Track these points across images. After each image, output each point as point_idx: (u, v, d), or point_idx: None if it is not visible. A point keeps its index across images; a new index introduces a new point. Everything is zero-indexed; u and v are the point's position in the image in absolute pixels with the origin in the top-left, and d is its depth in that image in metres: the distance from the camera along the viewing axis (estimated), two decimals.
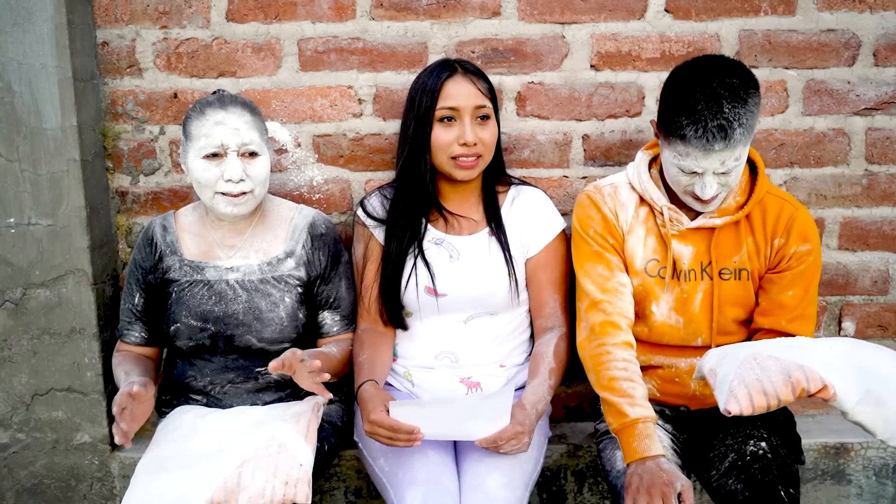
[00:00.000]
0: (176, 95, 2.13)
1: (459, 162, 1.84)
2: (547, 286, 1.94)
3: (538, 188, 2.01)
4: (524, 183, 2.02)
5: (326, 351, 1.87)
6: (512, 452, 1.71)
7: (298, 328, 1.90)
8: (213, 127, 1.78)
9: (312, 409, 1.79)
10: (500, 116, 1.96)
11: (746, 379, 1.47)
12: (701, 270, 1.81)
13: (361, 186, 2.18)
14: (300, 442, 1.67)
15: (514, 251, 1.92)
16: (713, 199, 1.71)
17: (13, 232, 2.03)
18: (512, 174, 2.06)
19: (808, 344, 1.56)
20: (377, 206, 1.97)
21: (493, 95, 1.89)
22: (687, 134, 1.62)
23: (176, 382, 1.93)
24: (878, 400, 1.45)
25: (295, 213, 1.96)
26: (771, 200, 1.81)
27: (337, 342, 1.95)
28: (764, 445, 1.70)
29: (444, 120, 1.84)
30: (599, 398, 1.78)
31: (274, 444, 1.66)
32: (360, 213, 1.98)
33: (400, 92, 2.10)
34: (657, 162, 1.86)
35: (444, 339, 1.94)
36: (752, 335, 1.86)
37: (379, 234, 1.95)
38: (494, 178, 1.97)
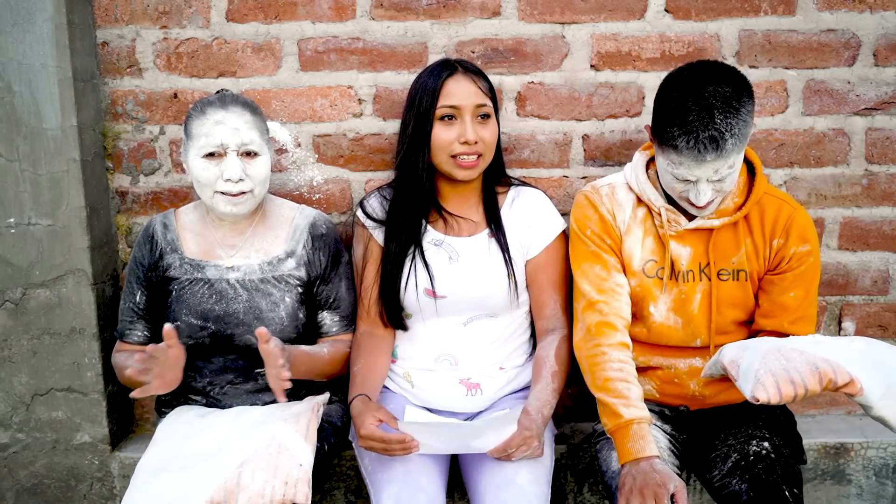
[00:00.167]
0: (176, 95, 2.13)
1: (460, 161, 1.84)
2: (547, 287, 1.93)
3: (538, 189, 2.01)
4: (524, 183, 2.01)
5: (314, 351, 1.87)
6: (525, 458, 1.72)
7: (299, 328, 1.90)
8: (212, 126, 1.78)
9: (312, 408, 1.79)
10: (500, 116, 1.95)
11: (773, 368, 1.46)
12: (699, 271, 1.81)
13: (361, 186, 2.18)
14: (300, 442, 1.67)
15: (513, 253, 1.92)
16: (709, 204, 1.71)
17: (13, 232, 2.03)
18: (512, 174, 2.06)
19: (826, 341, 1.55)
20: (376, 206, 1.97)
21: (493, 95, 1.89)
22: (679, 144, 1.61)
23: None
24: None
25: (296, 213, 1.96)
26: (769, 201, 1.80)
27: (332, 342, 1.95)
28: (767, 445, 1.70)
29: (444, 118, 1.83)
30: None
31: (274, 444, 1.66)
32: (359, 214, 1.97)
33: (400, 92, 2.10)
34: (655, 163, 1.85)
35: (443, 341, 1.94)
36: (752, 337, 1.86)
37: (378, 235, 1.94)
38: (494, 178, 1.97)
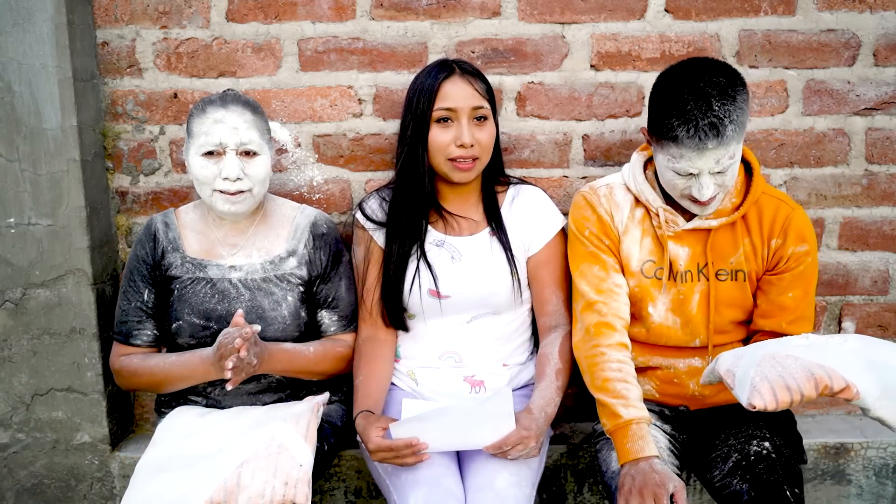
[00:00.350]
0: (176, 95, 2.13)
1: (457, 164, 1.84)
2: (549, 284, 1.93)
3: (537, 186, 2.01)
4: (523, 182, 2.01)
5: (296, 349, 1.86)
6: (521, 458, 1.71)
7: (301, 327, 1.90)
8: (212, 125, 1.79)
9: (312, 409, 1.79)
10: (499, 117, 1.95)
11: (768, 375, 1.46)
12: (697, 271, 1.81)
13: (361, 186, 2.18)
14: (300, 442, 1.67)
15: (515, 250, 1.92)
16: (711, 200, 1.70)
17: (13, 232, 2.03)
18: (512, 174, 2.06)
19: (820, 342, 1.55)
20: (375, 208, 1.96)
21: (490, 96, 1.88)
22: (679, 135, 1.61)
23: None
24: (895, 394, 1.45)
25: (297, 212, 1.96)
26: (767, 201, 1.80)
27: (326, 341, 1.93)
28: (767, 445, 1.70)
29: (441, 121, 1.83)
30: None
31: (274, 444, 1.66)
32: (358, 216, 1.97)
33: (400, 92, 2.09)
34: (653, 163, 1.85)
35: (447, 339, 1.93)
36: (751, 337, 1.86)
37: (379, 237, 1.94)
38: (493, 178, 1.97)
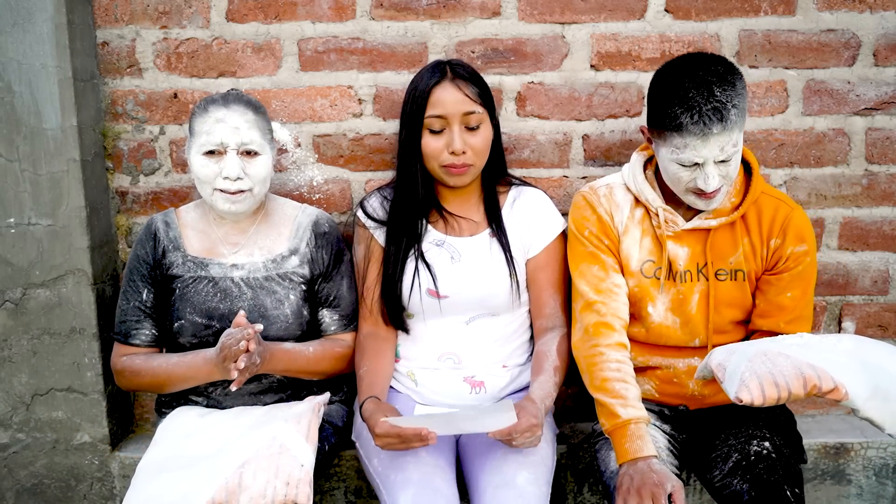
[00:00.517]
0: (176, 95, 2.13)
1: (450, 169, 1.84)
2: (547, 287, 1.93)
3: (539, 188, 2.01)
4: (525, 183, 2.01)
5: (296, 349, 1.86)
6: (525, 445, 1.67)
7: (303, 325, 1.90)
8: (213, 124, 1.79)
9: (313, 409, 1.79)
10: (498, 117, 1.94)
11: (758, 371, 1.47)
12: (697, 271, 1.81)
13: (361, 186, 2.18)
14: (301, 442, 1.67)
15: (515, 252, 1.92)
16: (716, 192, 1.70)
17: (13, 232, 2.03)
18: (513, 175, 2.05)
19: (813, 342, 1.56)
20: (377, 206, 1.96)
21: (485, 99, 1.85)
22: (683, 122, 1.62)
23: None
24: (885, 395, 1.46)
25: (299, 211, 1.97)
26: (766, 201, 1.81)
27: (326, 340, 1.93)
28: (767, 445, 1.70)
29: (432, 128, 1.82)
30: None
31: (275, 444, 1.66)
32: (360, 214, 1.97)
33: (400, 92, 2.09)
34: (652, 163, 1.85)
35: (446, 340, 1.93)
36: (749, 336, 1.86)
37: (379, 235, 1.94)
38: (495, 178, 1.97)
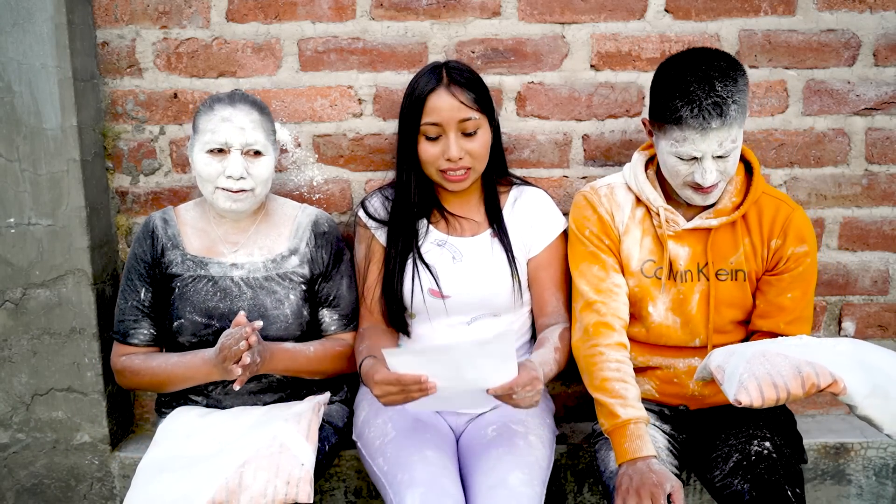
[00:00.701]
0: (176, 95, 2.13)
1: (447, 176, 1.84)
2: (549, 286, 1.93)
3: (540, 188, 2.01)
4: (526, 183, 2.01)
5: (297, 348, 1.86)
6: (526, 403, 1.61)
7: (303, 325, 1.90)
8: (219, 123, 1.79)
9: (313, 408, 1.79)
10: (497, 118, 1.94)
11: (756, 372, 1.48)
12: (697, 271, 1.81)
13: (361, 186, 2.18)
14: (301, 442, 1.67)
15: (516, 252, 1.92)
16: (713, 187, 1.70)
17: (13, 232, 2.03)
18: (514, 174, 2.05)
19: (813, 343, 1.57)
20: (378, 206, 1.96)
21: (482, 104, 1.84)
22: (683, 115, 1.62)
23: None
24: (885, 394, 1.47)
25: (298, 211, 1.97)
26: (767, 201, 1.81)
27: (326, 340, 1.93)
28: (768, 445, 1.70)
29: (429, 135, 1.82)
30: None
31: (275, 443, 1.66)
32: (361, 214, 1.97)
33: (400, 92, 2.09)
34: (654, 163, 1.86)
35: (448, 339, 1.92)
36: (749, 337, 1.86)
37: (381, 235, 1.94)
38: (496, 178, 1.96)
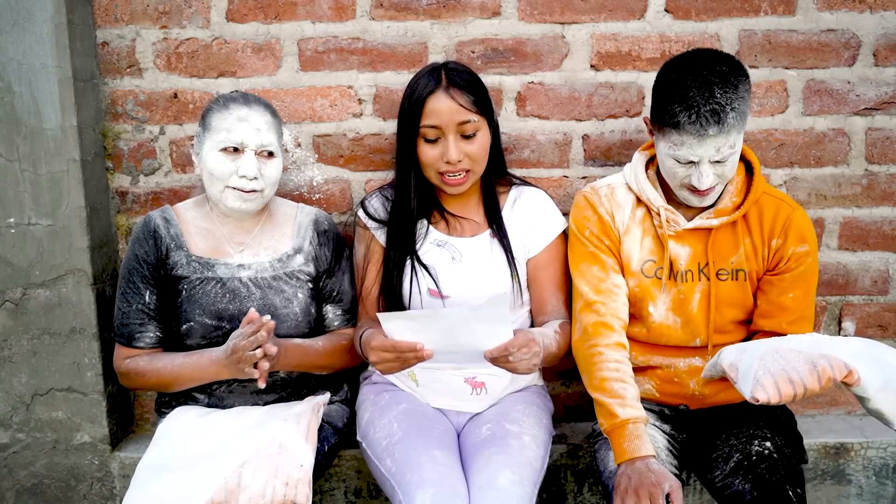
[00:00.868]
0: (176, 95, 2.13)
1: (447, 179, 1.84)
2: (548, 286, 1.93)
3: (540, 188, 2.01)
4: (526, 183, 2.01)
5: (307, 343, 1.86)
6: (523, 367, 1.59)
7: (311, 323, 1.91)
8: (235, 122, 1.79)
9: (313, 409, 1.79)
10: (499, 117, 1.94)
11: (771, 369, 1.47)
12: (698, 271, 1.81)
13: (361, 186, 2.18)
14: (300, 442, 1.67)
15: (515, 252, 1.92)
16: (710, 190, 1.70)
17: (13, 232, 2.03)
18: (514, 174, 2.05)
19: (824, 339, 1.56)
20: (378, 207, 1.96)
21: (481, 106, 1.83)
22: (681, 120, 1.62)
23: None
24: None
25: (297, 210, 1.97)
26: (768, 201, 1.81)
27: (331, 335, 1.94)
28: (769, 445, 1.70)
29: (427, 138, 1.82)
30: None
31: (274, 444, 1.66)
32: (360, 214, 1.97)
33: (400, 92, 2.08)
34: (654, 163, 1.86)
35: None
36: (750, 337, 1.86)
37: (380, 235, 1.94)
38: (495, 179, 1.96)
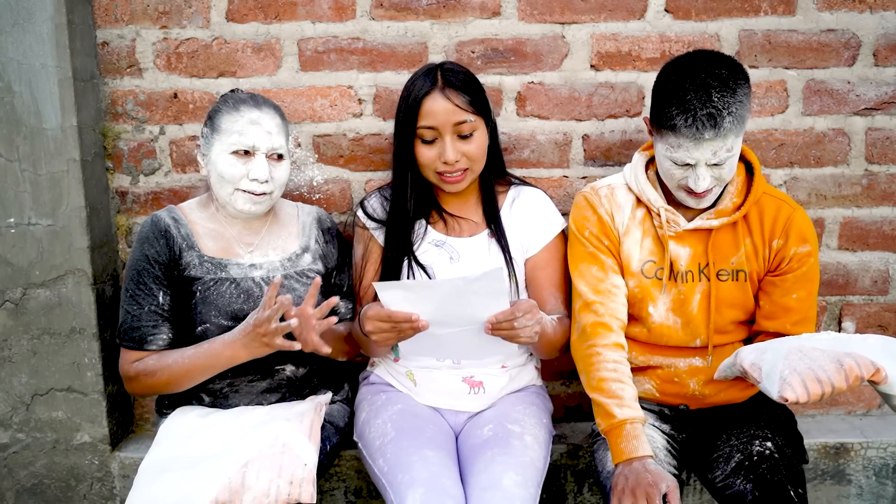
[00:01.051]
0: (176, 95, 2.13)
1: (445, 178, 1.84)
2: (547, 285, 1.92)
3: (538, 188, 2.01)
4: (524, 183, 2.01)
5: (333, 327, 1.85)
6: (526, 334, 1.60)
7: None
8: (247, 125, 1.79)
9: (315, 408, 1.79)
10: (499, 117, 1.94)
11: (798, 368, 1.47)
12: (699, 272, 1.81)
13: (361, 186, 2.18)
14: (304, 441, 1.67)
15: (514, 252, 1.91)
16: (707, 192, 1.70)
17: (13, 232, 2.03)
18: (513, 174, 2.05)
19: (843, 338, 1.56)
20: (377, 207, 1.96)
21: (478, 106, 1.82)
22: (677, 123, 1.62)
23: None
24: None
25: (298, 210, 1.98)
26: (768, 201, 1.81)
27: (346, 322, 1.96)
28: (770, 445, 1.70)
29: (425, 138, 1.82)
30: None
31: (278, 443, 1.66)
32: (360, 214, 1.97)
33: (399, 92, 2.09)
34: (654, 163, 1.85)
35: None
36: (753, 337, 1.86)
37: (379, 235, 1.94)
38: (493, 178, 1.96)
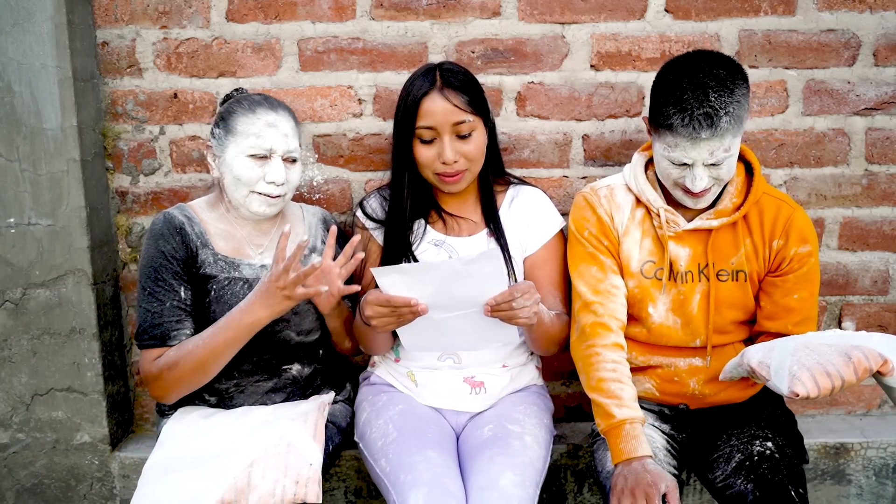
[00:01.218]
0: (176, 95, 2.13)
1: (443, 178, 1.84)
2: (545, 284, 1.92)
3: (537, 187, 2.01)
4: (523, 182, 2.01)
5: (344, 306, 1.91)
6: (524, 314, 1.61)
7: None
8: (264, 128, 1.78)
9: (319, 408, 1.79)
10: (499, 117, 1.94)
11: (807, 363, 1.48)
12: (698, 272, 1.81)
13: (361, 186, 2.18)
14: (309, 441, 1.68)
15: (513, 251, 1.92)
16: (704, 192, 1.70)
17: (13, 232, 2.03)
18: (512, 174, 2.05)
19: (847, 335, 1.57)
20: (376, 207, 1.96)
21: (477, 106, 1.83)
22: (674, 123, 1.63)
23: None
24: None
25: (302, 211, 1.99)
26: (768, 201, 1.81)
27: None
28: (770, 445, 1.71)
29: (423, 138, 1.82)
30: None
31: (283, 443, 1.66)
32: (359, 214, 1.98)
33: (399, 92, 2.09)
34: (653, 164, 1.85)
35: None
36: (754, 338, 1.86)
37: (378, 235, 1.94)
38: (492, 178, 1.96)
